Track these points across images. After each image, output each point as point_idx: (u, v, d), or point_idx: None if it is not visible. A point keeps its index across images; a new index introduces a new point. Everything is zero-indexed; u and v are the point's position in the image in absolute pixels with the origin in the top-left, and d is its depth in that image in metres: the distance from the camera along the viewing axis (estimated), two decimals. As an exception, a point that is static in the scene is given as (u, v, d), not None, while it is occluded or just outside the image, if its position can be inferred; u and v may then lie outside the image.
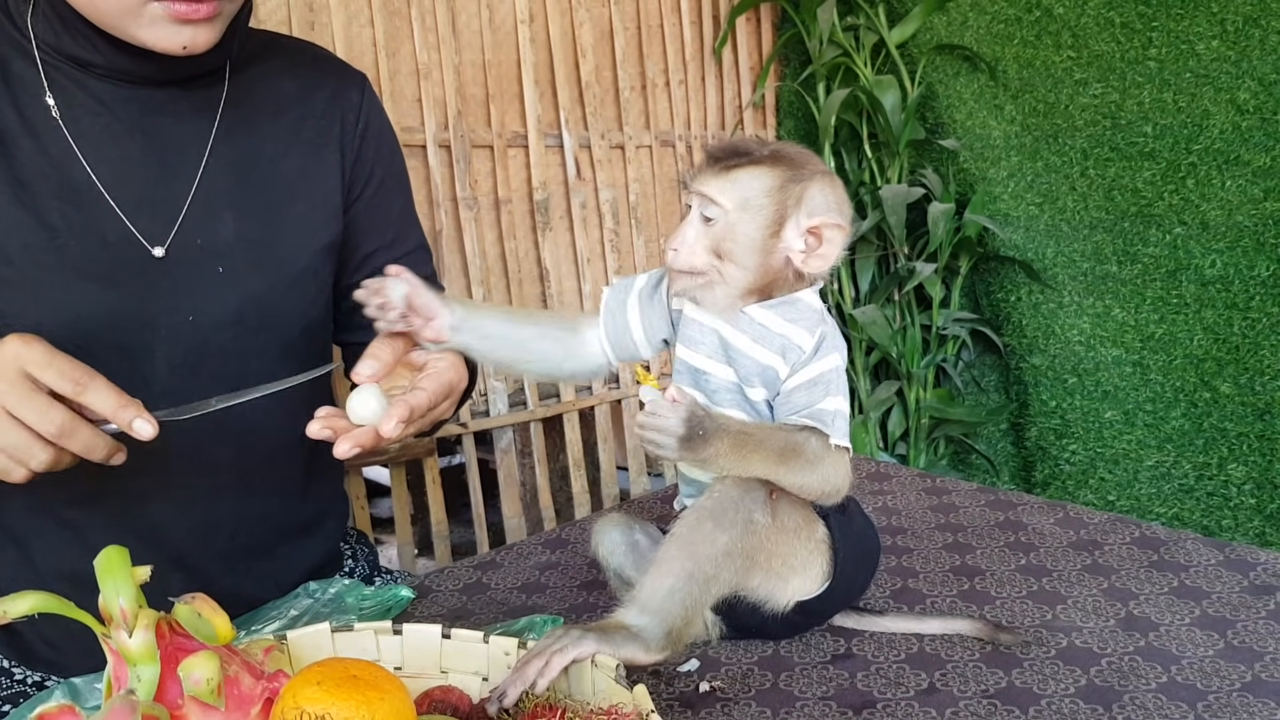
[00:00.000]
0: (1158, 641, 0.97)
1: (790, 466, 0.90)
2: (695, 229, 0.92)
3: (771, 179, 0.91)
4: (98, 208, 0.98)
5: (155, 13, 0.90)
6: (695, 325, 0.96)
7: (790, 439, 0.90)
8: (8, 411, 0.79)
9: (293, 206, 1.09)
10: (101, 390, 0.82)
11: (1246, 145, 2.30)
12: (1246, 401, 2.32)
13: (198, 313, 1.01)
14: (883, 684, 0.92)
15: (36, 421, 0.80)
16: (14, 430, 0.80)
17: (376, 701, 0.68)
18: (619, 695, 0.74)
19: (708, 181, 0.91)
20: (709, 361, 0.95)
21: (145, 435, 0.82)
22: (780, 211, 0.91)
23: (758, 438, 0.89)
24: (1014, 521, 1.27)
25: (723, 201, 0.90)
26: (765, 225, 0.91)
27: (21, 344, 0.81)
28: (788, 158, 0.92)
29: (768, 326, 0.93)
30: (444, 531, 2.33)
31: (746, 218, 0.90)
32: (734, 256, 0.91)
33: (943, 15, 2.70)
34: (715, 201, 0.91)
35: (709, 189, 0.91)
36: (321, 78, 1.15)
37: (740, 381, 0.94)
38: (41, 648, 1.05)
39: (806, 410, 0.92)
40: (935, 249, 2.64)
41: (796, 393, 0.92)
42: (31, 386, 0.80)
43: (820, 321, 0.94)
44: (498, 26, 2.36)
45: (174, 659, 0.68)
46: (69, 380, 0.81)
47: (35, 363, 0.80)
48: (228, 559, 1.08)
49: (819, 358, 0.92)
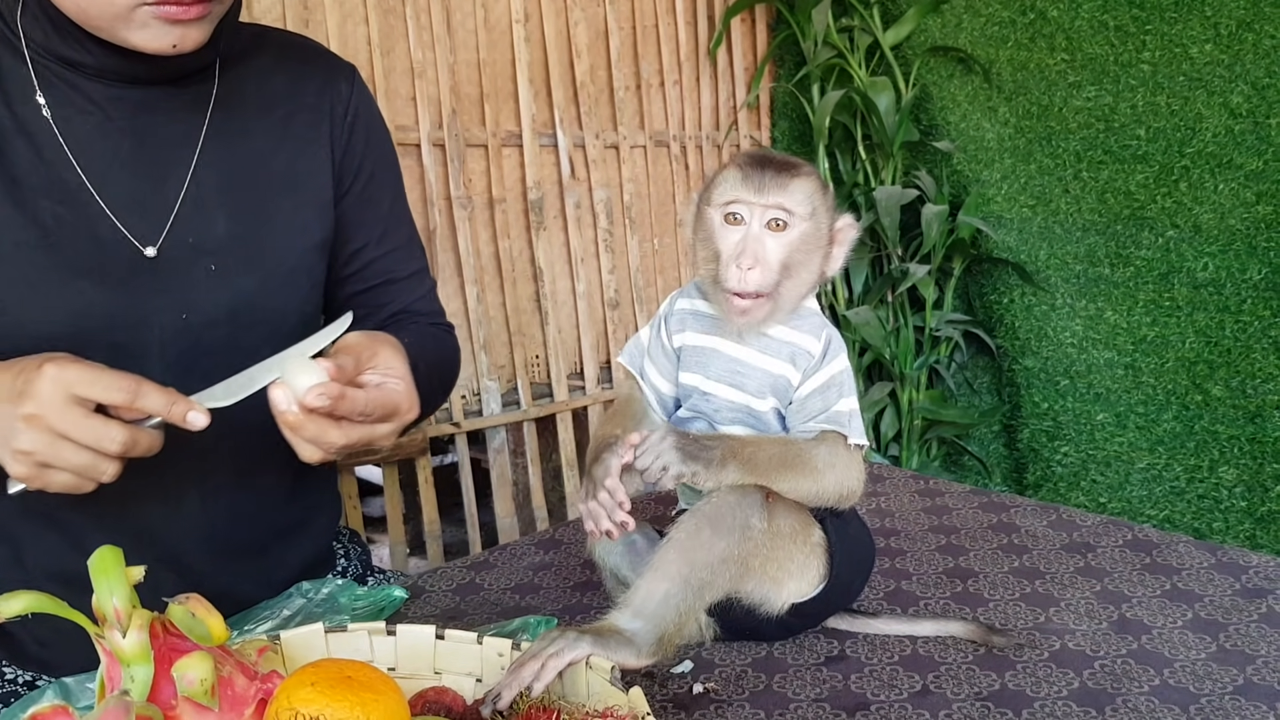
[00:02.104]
0: (1150, 644, 0.97)
1: (798, 472, 0.91)
2: (768, 243, 0.90)
3: (818, 183, 0.92)
4: (89, 207, 0.97)
5: (144, 15, 0.90)
6: (698, 351, 0.98)
7: (792, 447, 0.92)
8: (67, 437, 0.80)
9: (283, 204, 1.09)
10: (151, 392, 0.83)
11: (1239, 149, 2.31)
12: (1238, 405, 2.33)
13: (191, 311, 1.01)
14: (876, 686, 0.92)
15: (97, 441, 0.80)
16: (78, 453, 0.81)
17: (371, 703, 0.68)
18: (614, 697, 0.74)
19: (777, 193, 0.89)
20: (714, 384, 0.97)
21: (200, 425, 0.84)
22: (831, 219, 0.93)
23: (754, 444, 0.91)
24: (1007, 524, 1.27)
25: (798, 210, 0.90)
26: (824, 233, 0.92)
27: (57, 367, 0.81)
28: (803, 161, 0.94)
29: (774, 337, 0.94)
30: (436, 531, 2.33)
31: (813, 225, 0.91)
32: (800, 268, 0.91)
33: (937, 17, 2.70)
34: (791, 210, 0.90)
35: (784, 199, 0.89)
36: (310, 70, 1.15)
37: (748, 398, 0.95)
38: (32, 647, 1.05)
39: (823, 415, 0.93)
40: (929, 251, 2.65)
41: (811, 399, 0.94)
42: (83, 410, 0.80)
43: (824, 325, 0.95)
44: (493, 26, 2.36)
45: (168, 659, 0.68)
46: (122, 390, 0.81)
47: (79, 381, 0.80)
48: (221, 557, 1.08)
49: (828, 361, 0.94)
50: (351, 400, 0.86)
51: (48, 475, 0.82)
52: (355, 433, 0.88)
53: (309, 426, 0.85)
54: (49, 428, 0.80)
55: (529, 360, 2.48)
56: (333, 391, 0.84)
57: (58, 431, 0.80)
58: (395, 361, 0.93)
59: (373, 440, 0.92)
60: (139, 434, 0.82)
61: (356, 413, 0.87)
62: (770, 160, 0.91)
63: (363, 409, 0.88)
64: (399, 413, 0.92)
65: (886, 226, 2.64)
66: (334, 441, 0.87)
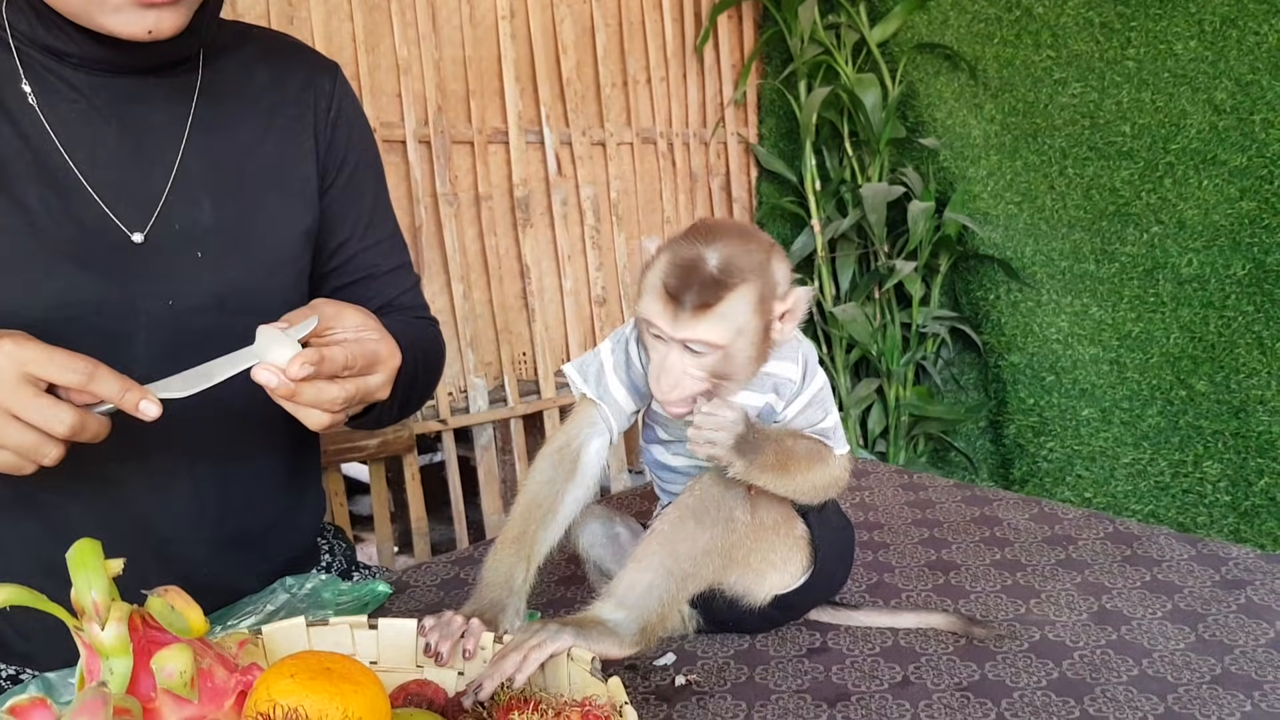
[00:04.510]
0: (1129, 635, 0.98)
1: (816, 470, 0.93)
2: (680, 364, 0.87)
3: (752, 293, 0.86)
4: (75, 194, 0.98)
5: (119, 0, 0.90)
6: None
7: (815, 446, 0.94)
8: (14, 415, 0.79)
9: (269, 193, 1.09)
10: (106, 377, 0.82)
11: (1223, 145, 2.32)
12: (1222, 400, 2.35)
13: (178, 298, 1.01)
14: (857, 677, 0.93)
15: (45, 422, 0.80)
16: (23, 432, 0.80)
17: (350, 694, 0.68)
18: (594, 688, 0.75)
19: (692, 327, 0.85)
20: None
21: (152, 416, 0.83)
22: (767, 316, 0.88)
23: (793, 447, 0.91)
24: (989, 517, 1.28)
25: (718, 340, 0.86)
26: (759, 335, 0.88)
27: (13, 343, 0.80)
28: (738, 260, 0.86)
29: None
30: (424, 529, 2.33)
31: (743, 341, 0.87)
32: (735, 373, 0.88)
33: (923, 14, 2.71)
34: (710, 343, 0.86)
35: (701, 334, 0.85)
36: (294, 66, 1.15)
37: None
38: (16, 641, 1.04)
39: (809, 431, 0.95)
40: (915, 247, 2.66)
41: (798, 419, 0.95)
42: (34, 389, 0.80)
43: (798, 345, 0.95)
44: (478, 22, 2.36)
45: (147, 652, 0.68)
46: (76, 372, 0.81)
47: (34, 361, 0.80)
48: (210, 547, 1.08)
49: (809, 380, 0.94)
50: (331, 359, 0.87)
51: None
52: (350, 386, 0.90)
53: (306, 391, 0.86)
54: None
55: (516, 357, 2.48)
56: (312, 357, 0.85)
57: (5, 408, 0.79)
58: (363, 319, 0.94)
59: (368, 393, 0.93)
60: (88, 418, 0.82)
61: (341, 368, 0.88)
62: (692, 283, 0.85)
63: (345, 363, 0.89)
64: (381, 359, 0.93)
65: (873, 223, 2.65)
66: (335, 397, 0.88)
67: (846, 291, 2.87)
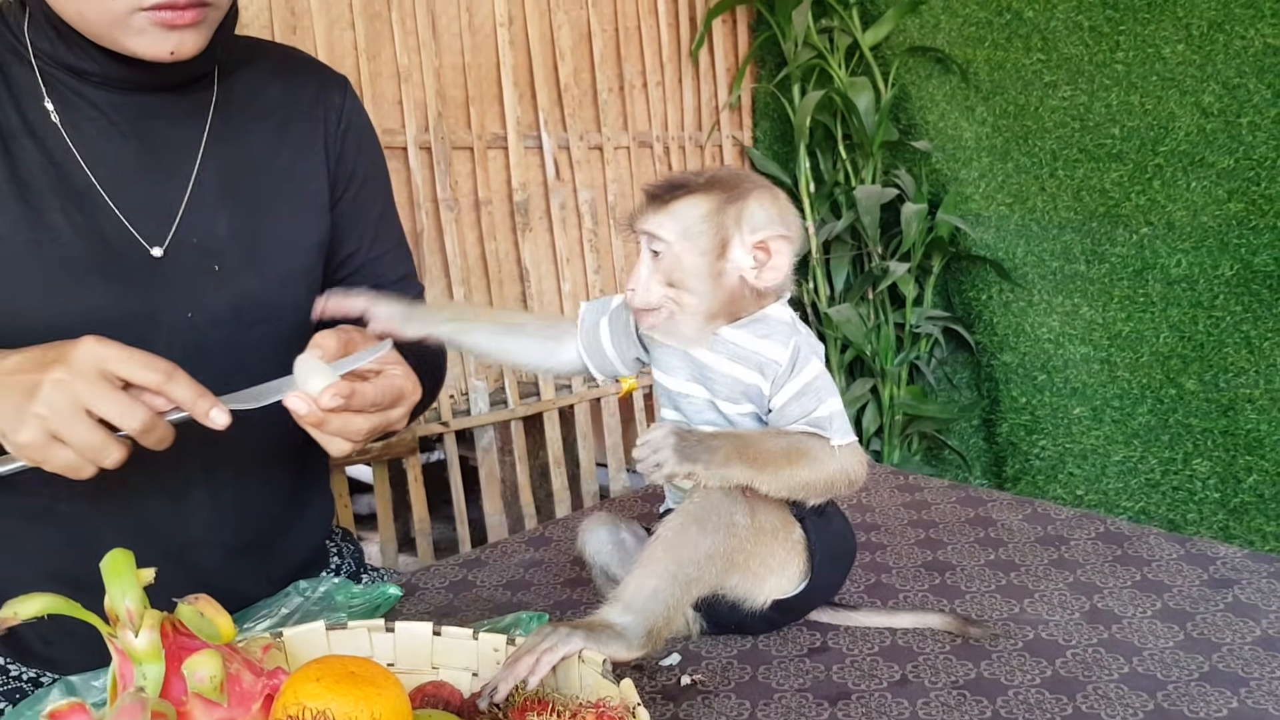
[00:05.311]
0: (1120, 634, 1.01)
1: (801, 464, 0.94)
2: (647, 266, 0.95)
3: (708, 204, 0.94)
4: (97, 209, 1.00)
5: (141, 21, 0.93)
6: (668, 351, 1.00)
7: (792, 441, 0.95)
8: (88, 410, 0.81)
9: (283, 206, 1.12)
10: (184, 381, 0.84)
11: (1211, 147, 2.36)
12: (1211, 398, 2.38)
13: (196, 310, 1.04)
14: (857, 676, 0.96)
15: (119, 417, 0.81)
16: (91, 430, 0.81)
17: (374, 697, 0.71)
18: (606, 689, 0.77)
19: (649, 218, 0.95)
20: (686, 384, 0.99)
21: (220, 424, 0.86)
22: (721, 233, 0.94)
23: (758, 440, 0.93)
24: (984, 518, 1.31)
25: (664, 234, 0.94)
26: (709, 249, 0.93)
27: (97, 343, 0.82)
28: (722, 181, 0.95)
29: (742, 345, 0.96)
30: (426, 529, 2.35)
31: (689, 245, 0.93)
32: (686, 285, 0.94)
33: (915, 18, 2.74)
34: (658, 236, 0.94)
35: (650, 225, 0.94)
36: (305, 81, 1.18)
37: (719, 401, 0.98)
38: (37, 645, 1.07)
39: (803, 420, 0.96)
40: (908, 249, 2.69)
41: (789, 407, 0.96)
42: (112, 385, 0.81)
43: (792, 332, 0.97)
44: (477, 29, 2.38)
45: (178, 657, 0.70)
46: (157, 371, 0.83)
47: (115, 359, 0.82)
48: (225, 553, 1.11)
49: (799, 368, 0.96)
50: (362, 395, 0.91)
51: (51, 449, 0.82)
52: (375, 419, 0.94)
53: (333, 421, 0.90)
54: (73, 395, 0.80)
55: (515, 360, 2.50)
56: (344, 390, 0.89)
57: (81, 401, 0.80)
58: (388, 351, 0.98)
59: (389, 425, 0.97)
60: (158, 420, 0.84)
61: (370, 404, 0.92)
62: (664, 186, 0.95)
63: (374, 400, 0.92)
64: (405, 396, 0.97)
65: (867, 225, 2.68)
66: (360, 429, 0.92)
67: (841, 292, 2.90)
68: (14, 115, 0.98)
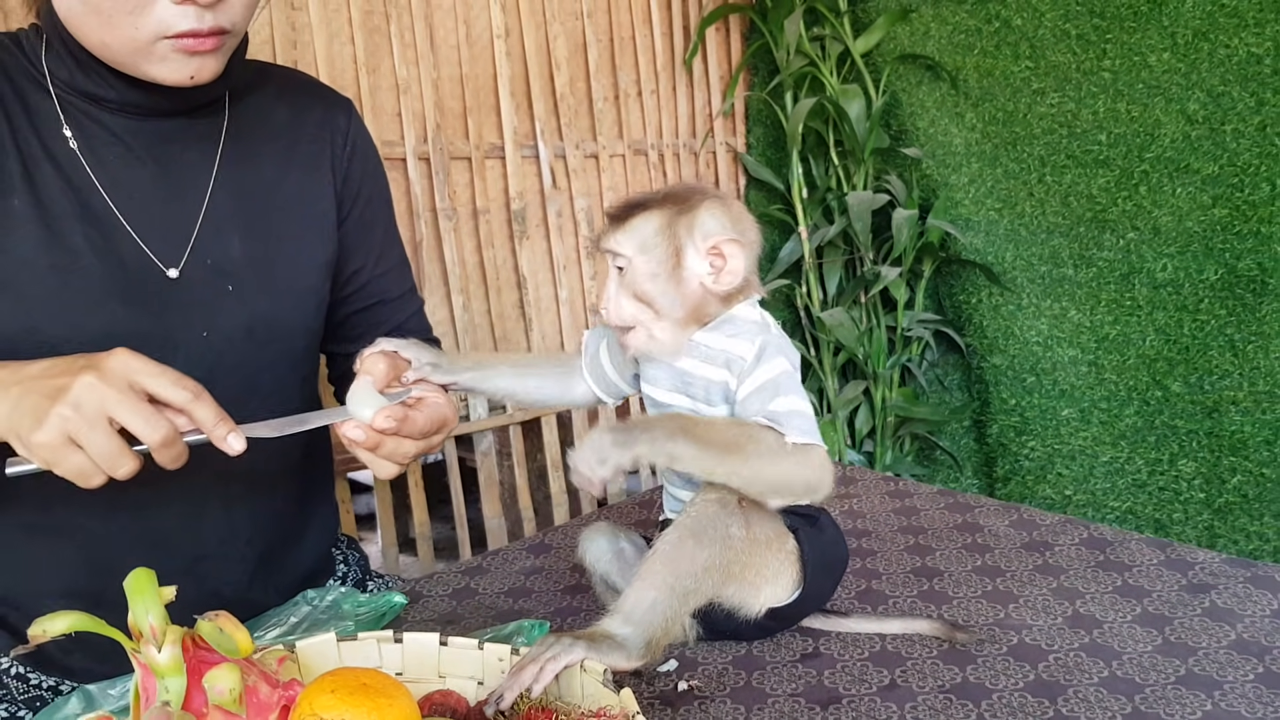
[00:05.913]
0: (1101, 638, 1.05)
1: (753, 454, 0.95)
2: (614, 283, 1.01)
3: (661, 217, 0.99)
4: (115, 232, 1.03)
5: (164, 48, 0.96)
6: (653, 363, 1.05)
7: (745, 429, 0.96)
8: (111, 418, 0.83)
9: (292, 227, 1.15)
10: (208, 403, 0.87)
11: (1196, 154, 2.39)
12: (1196, 400, 2.42)
13: (211, 329, 1.07)
14: (848, 681, 0.99)
15: (142, 429, 0.83)
16: (110, 437, 0.83)
17: (386, 708, 0.74)
18: (607, 698, 0.81)
19: (610, 237, 1.00)
20: (670, 394, 1.04)
21: (236, 450, 0.89)
22: (675, 243, 0.99)
23: (705, 422, 0.96)
24: (972, 524, 1.35)
25: (624, 250, 0.99)
26: (666, 258, 0.99)
27: (130, 355, 0.85)
28: (676, 195, 1.01)
29: (710, 346, 1.01)
30: (426, 531, 2.39)
31: (647, 258, 0.99)
32: (650, 296, 0.99)
33: (906, 26, 2.77)
34: (619, 253, 1.00)
35: (611, 243, 1.00)
36: (310, 104, 1.21)
37: (698, 405, 1.02)
38: (57, 655, 1.10)
39: (760, 414, 0.97)
40: (900, 253, 2.72)
41: (749, 400, 0.98)
42: (139, 396, 0.84)
43: (762, 331, 1.01)
44: (474, 41, 2.41)
45: (198, 671, 0.74)
46: (184, 389, 0.86)
47: (145, 372, 0.84)
48: (238, 564, 1.14)
49: (763, 363, 0.98)
50: (413, 421, 0.96)
51: (65, 452, 0.83)
52: (422, 444, 1.00)
53: (386, 444, 0.96)
54: (101, 400, 0.82)
55: (513, 366, 2.53)
56: (397, 414, 0.94)
57: (107, 408, 0.82)
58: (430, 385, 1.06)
59: (430, 449, 1.03)
60: (177, 438, 0.86)
61: (419, 432, 0.98)
62: (622, 206, 1.01)
63: (423, 427, 0.98)
64: (447, 423, 1.04)
65: (859, 230, 2.71)
66: (408, 453, 0.98)
67: (833, 296, 2.93)
68: (35, 142, 1.02)
